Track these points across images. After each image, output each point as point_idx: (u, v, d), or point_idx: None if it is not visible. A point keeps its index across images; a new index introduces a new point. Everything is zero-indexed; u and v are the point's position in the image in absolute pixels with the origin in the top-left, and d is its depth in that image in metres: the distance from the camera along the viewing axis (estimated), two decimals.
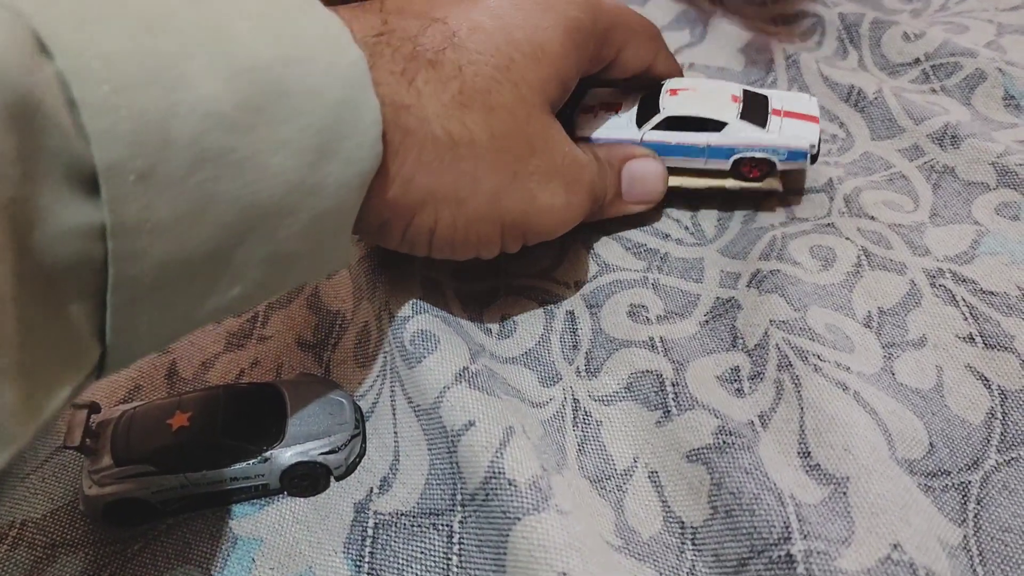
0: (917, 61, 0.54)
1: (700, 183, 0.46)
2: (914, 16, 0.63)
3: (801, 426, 0.35)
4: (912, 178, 0.47)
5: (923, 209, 0.44)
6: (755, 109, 0.44)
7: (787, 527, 0.30)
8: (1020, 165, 0.45)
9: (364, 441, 0.38)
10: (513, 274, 0.45)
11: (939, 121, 0.49)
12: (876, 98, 0.52)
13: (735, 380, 0.38)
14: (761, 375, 0.38)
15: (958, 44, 0.54)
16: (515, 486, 0.32)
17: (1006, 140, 0.47)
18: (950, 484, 0.33)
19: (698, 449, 0.34)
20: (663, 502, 0.34)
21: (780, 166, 0.44)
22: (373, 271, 0.42)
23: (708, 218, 0.47)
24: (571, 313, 0.42)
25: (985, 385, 0.36)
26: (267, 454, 0.36)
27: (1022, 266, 0.40)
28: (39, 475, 0.38)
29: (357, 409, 0.39)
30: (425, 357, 0.37)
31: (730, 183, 0.45)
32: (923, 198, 0.45)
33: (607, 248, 0.45)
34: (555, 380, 0.39)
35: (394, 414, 0.38)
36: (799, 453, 0.34)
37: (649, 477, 0.35)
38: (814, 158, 0.44)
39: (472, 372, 0.36)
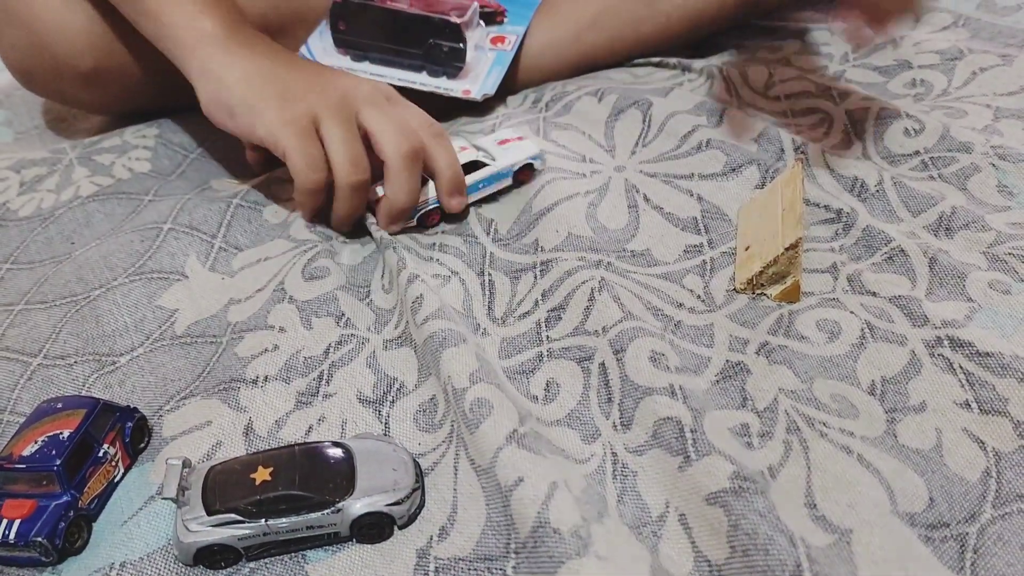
0: (916, 153, 0.60)
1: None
2: (916, 101, 0.68)
3: (808, 483, 0.40)
4: (911, 252, 0.51)
5: (920, 287, 0.49)
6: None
7: (799, 566, 0.34)
8: (1009, 254, 0.50)
9: (423, 494, 0.43)
10: (553, 339, 0.50)
11: (934, 213, 0.54)
12: (877, 190, 0.57)
13: (745, 435, 0.42)
14: (770, 434, 0.42)
15: (955, 139, 0.59)
16: (559, 534, 0.37)
17: (999, 224, 0.52)
18: (949, 535, 0.38)
19: (716, 492, 0.38)
20: (692, 543, 0.38)
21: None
22: (436, 350, 0.47)
23: (718, 289, 0.52)
24: (603, 365, 0.47)
25: (981, 447, 0.41)
26: (339, 505, 0.40)
27: (1012, 338, 0.45)
28: (135, 521, 0.43)
29: (416, 465, 0.44)
30: (482, 422, 0.42)
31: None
32: (920, 275, 0.50)
33: (631, 302, 0.51)
34: (595, 436, 0.44)
35: (456, 473, 0.43)
36: (806, 505, 0.39)
37: (679, 520, 0.39)
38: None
39: (521, 434, 0.41)
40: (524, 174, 0.63)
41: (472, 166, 0.61)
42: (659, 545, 0.39)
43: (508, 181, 0.62)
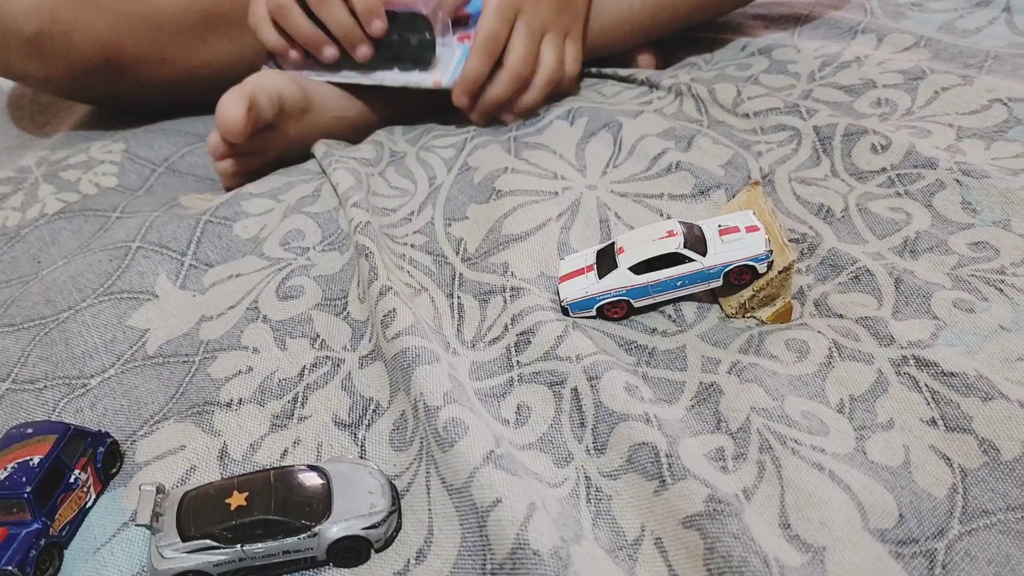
0: (883, 170, 0.61)
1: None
2: (882, 120, 0.70)
3: (782, 502, 0.40)
4: (876, 272, 0.53)
5: (886, 306, 0.50)
6: (694, 238, 0.52)
7: None
8: (972, 275, 0.51)
9: (400, 517, 0.43)
10: (524, 363, 0.50)
11: (899, 237, 0.55)
12: (843, 216, 0.58)
13: (720, 459, 0.43)
14: (744, 456, 0.43)
15: (920, 155, 0.61)
16: (539, 556, 0.37)
17: (960, 246, 0.54)
18: (918, 551, 0.38)
19: (692, 516, 0.39)
20: (668, 566, 0.39)
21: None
22: (408, 367, 0.47)
23: (689, 307, 0.53)
24: (575, 391, 0.47)
25: (947, 464, 0.42)
26: (315, 529, 0.40)
27: (977, 355, 0.46)
28: (108, 548, 0.43)
29: (393, 488, 0.44)
30: (457, 441, 0.42)
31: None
32: (886, 294, 0.51)
33: (602, 341, 0.51)
34: (568, 460, 0.44)
35: (428, 493, 0.43)
36: (780, 524, 0.39)
37: (655, 544, 0.39)
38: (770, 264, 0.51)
39: (498, 455, 0.42)
40: (741, 276, 0.51)
41: (672, 259, 0.51)
42: (635, 569, 0.39)
43: (717, 282, 0.52)
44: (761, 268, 0.51)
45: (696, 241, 0.52)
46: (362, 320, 0.54)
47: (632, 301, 0.53)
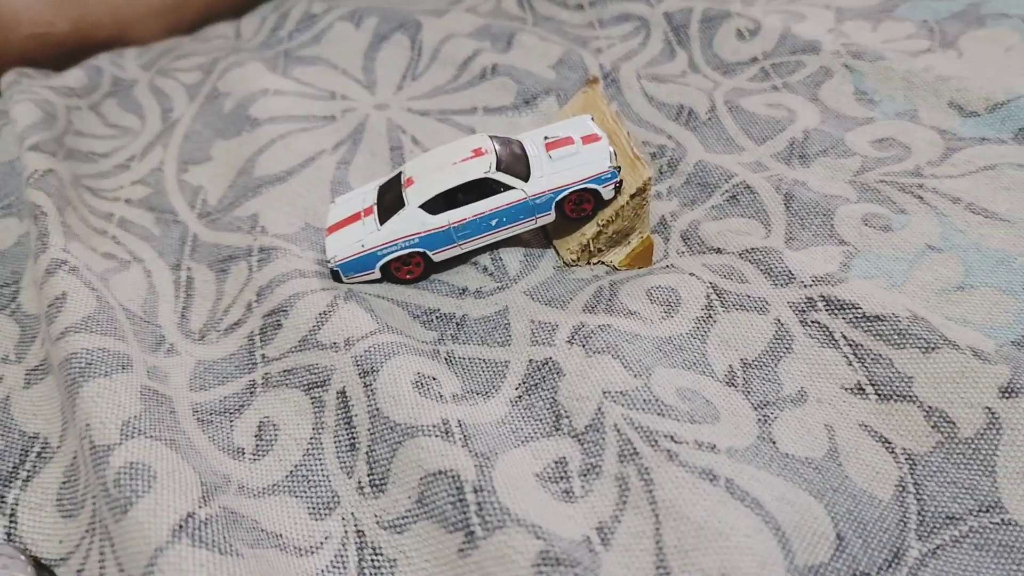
0: (755, 60, 0.48)
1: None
2: (746, 5, 0.57)
3: (658, 542, 0.26)
4: (759, 189, 0.39)
5: (777, 233, 0.37)
6: (511, 157, 0.37)
7: None
8: (881, 182, 0.39)
9: None
10: (271, 358, 0.34)
11: (783, 139, 0.43)
12: (709, 118, 0.45)
13: (561, 478, 0.29)
14: (597, 469, 0.29)
15: (798, 39, 0.48)
16: None
17: (862, 144, 0.41)
18: None
19: None
20: None
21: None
22: (74, 382, 0.30)
23: (512, 255, 0.38)
24: (343, 394, 0.32)
25: (887, 448, 0.29)
26: None
27: (905, 287, 0.33)
28: None
29: None
30: (135, 503, 0.26)
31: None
32: (775, 216, 0.38)
33: (388, 314, 0.36)
34: (331, 507, 0.29)
35: None
36: None
37: None
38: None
39: (200, 520, 0.26)
40: (580, 206, 0.38)
41: (482, 189, 0.37)
42: None
43: (547, 216, 0.37)
44: (607, 192, 0.37)
45: (514, 161, 0.37)
46: (37, 314, 0.37)
47: (430, 253, 0.37)
